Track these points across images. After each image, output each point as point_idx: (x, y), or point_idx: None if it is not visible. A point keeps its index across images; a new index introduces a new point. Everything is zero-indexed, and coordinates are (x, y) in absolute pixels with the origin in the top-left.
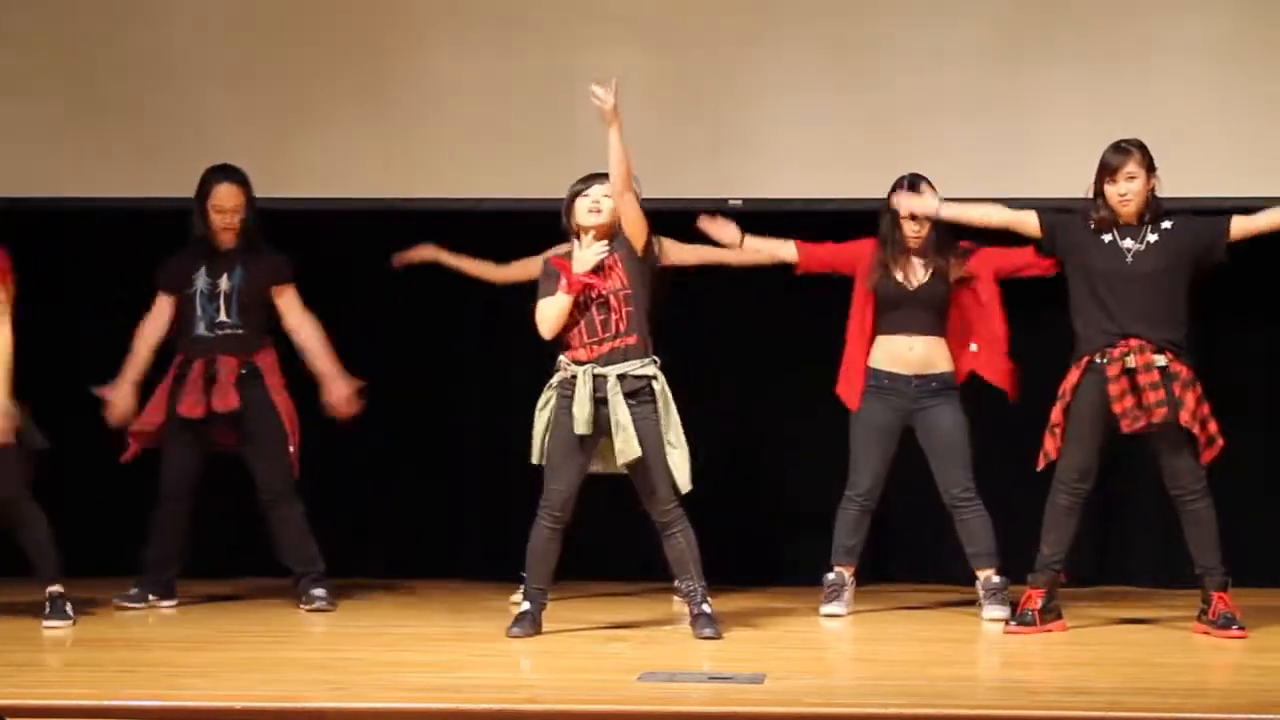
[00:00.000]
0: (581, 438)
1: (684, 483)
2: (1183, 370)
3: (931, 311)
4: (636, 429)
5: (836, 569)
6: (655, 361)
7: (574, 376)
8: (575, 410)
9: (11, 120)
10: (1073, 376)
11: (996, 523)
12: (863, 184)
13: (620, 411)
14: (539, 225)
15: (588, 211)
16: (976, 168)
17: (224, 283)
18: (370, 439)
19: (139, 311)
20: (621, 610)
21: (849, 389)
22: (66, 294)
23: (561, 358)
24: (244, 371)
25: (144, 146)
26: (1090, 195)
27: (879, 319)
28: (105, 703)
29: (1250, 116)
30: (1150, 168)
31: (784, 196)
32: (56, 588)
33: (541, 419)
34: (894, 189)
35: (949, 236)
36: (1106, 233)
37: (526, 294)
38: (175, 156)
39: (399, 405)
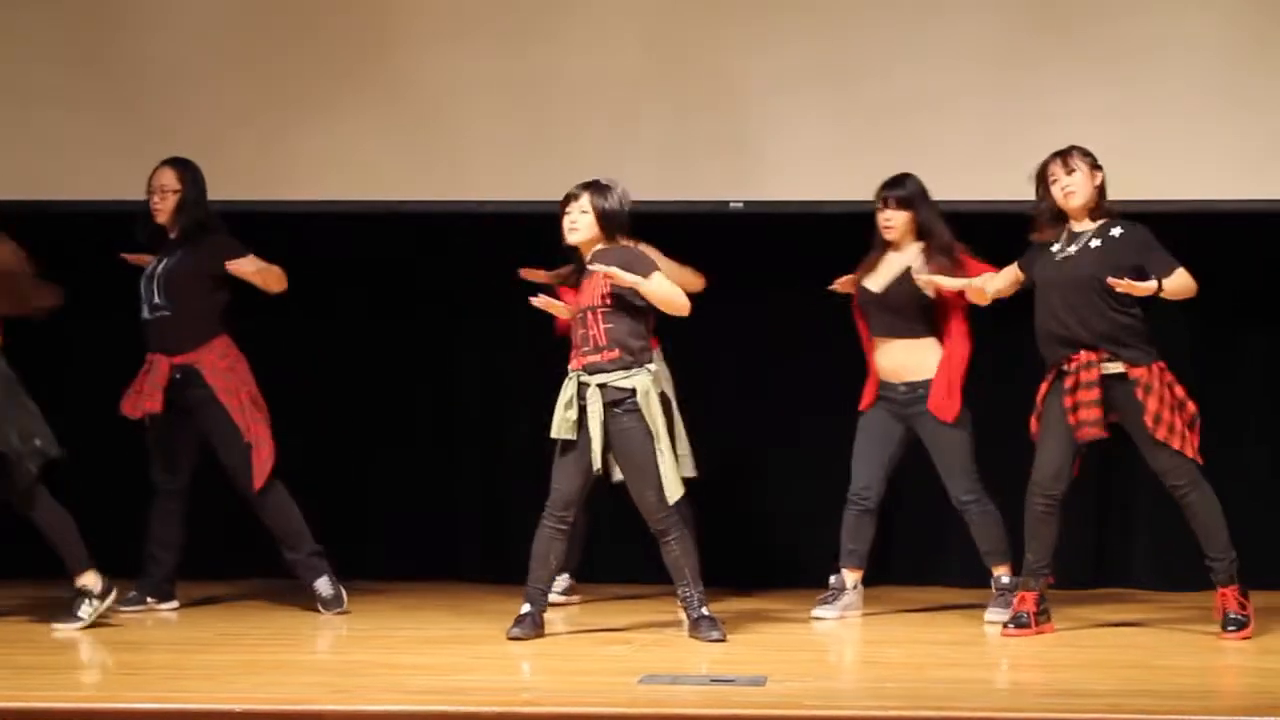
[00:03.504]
0: (578, 441)
1: (672, 492)
2: (1142, 373)
3: (903, 315)
4: (620, 440)
5: (841, 571)
6: (647, 370)
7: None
8: (555, 414)
9: (12, 122)
10: (1042, 388)
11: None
12: (863, 185)
13: (594, 423)
14: (540, 227)
15: (567, 231)
16: (976, 168)
17: (160, 267)
18: (370, 440)
19: (134, 313)
20: (622, 613)
21: (867, 390)
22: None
23: None
24: (177, 376)
25: (144, 147)
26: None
27: (867, 324)
28: (107, 705)
29: (1251, 117)
30: (1095, 165)
31: (784, 198)
32: (84, 581)
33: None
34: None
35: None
36: (1055, 243)
37: (526, 296)
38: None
39: (399, 406)
